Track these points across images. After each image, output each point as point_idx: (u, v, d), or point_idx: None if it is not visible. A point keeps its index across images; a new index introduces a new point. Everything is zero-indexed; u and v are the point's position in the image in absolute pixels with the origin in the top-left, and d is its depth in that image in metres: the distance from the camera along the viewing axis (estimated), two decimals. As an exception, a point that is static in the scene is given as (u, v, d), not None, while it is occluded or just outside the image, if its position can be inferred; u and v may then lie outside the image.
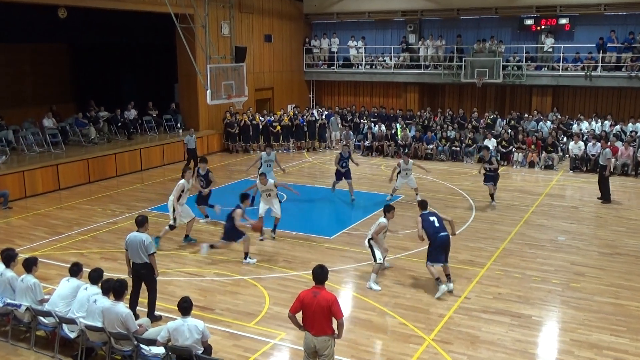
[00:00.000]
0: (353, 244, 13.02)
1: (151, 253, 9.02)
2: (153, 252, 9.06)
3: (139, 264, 9.09)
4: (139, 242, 8.98)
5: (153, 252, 9.06)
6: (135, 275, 9.23)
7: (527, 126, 23.56)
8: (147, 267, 9.07)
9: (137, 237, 9.04)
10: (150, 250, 9.01)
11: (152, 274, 9.15)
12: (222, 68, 18.50)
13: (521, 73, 25.02)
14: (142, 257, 9.02)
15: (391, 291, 10.54)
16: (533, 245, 13.05)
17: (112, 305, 7.63)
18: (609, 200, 16.55)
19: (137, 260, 9.07)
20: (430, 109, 26.62)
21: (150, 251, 9.01)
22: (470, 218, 15.00)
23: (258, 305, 9.98)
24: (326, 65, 30.01)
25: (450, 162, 22.60)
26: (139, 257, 9.04)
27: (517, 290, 10.59)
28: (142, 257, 9.02)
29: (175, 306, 7.86)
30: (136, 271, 9.18)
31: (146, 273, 9.11)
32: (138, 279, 9.24)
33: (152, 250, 9.05)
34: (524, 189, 18.45)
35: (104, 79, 25.98)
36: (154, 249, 9.13)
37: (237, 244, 11.79)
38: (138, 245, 8.98)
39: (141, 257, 9.02)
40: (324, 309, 6.71)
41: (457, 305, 9.95)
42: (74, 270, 8.66)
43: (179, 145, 22.60)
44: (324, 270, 6.88)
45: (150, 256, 9.02)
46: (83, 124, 21.64)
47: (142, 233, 9.08)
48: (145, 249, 8.97)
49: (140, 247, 8.97)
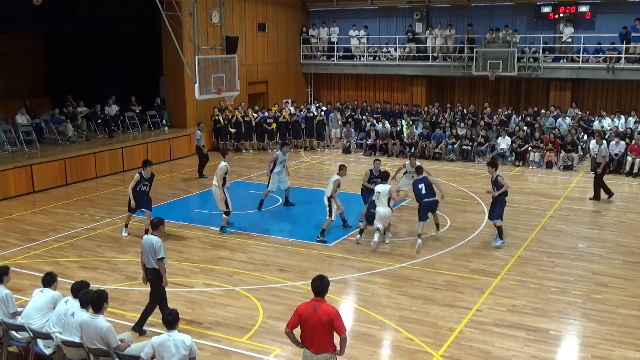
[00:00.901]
0: (355, 252, 13.02)
1: (160, 257, 9.23)
2: (162, 256, 9.25)
3: (148, 269, 9.40)
4: (149, 245, 9.26)
5: (162, 257, 9.25)
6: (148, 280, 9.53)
7: (544, 123, 23.58)
8: (155, 273, 9.32)
9: (149, 239, 9.32)
10: (160, 254, 9.22)
11: (159, 282, 9.34)
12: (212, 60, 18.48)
13: (538, 65, 25.05)
14: (152, 262, 9.32)
15: (396, 303, 10.54)
16: (551, 253, 13.05)
17: (91, 319, 7.61)
18: (599, 199, 17.10)
19: (148, 265, 9.38)
20: (439, 104, 26.64)
21: (159, 255, 9.22)
22: (482, 223, 15.00)
23: (251, 319, 9.96)
24: (325, 56, 30.04)
25: (461, 162, 22.62)
26: (149, 262, 9.35)
27: (533, 302, 10.58)
28: (152, 262, 9.32)
29: (159, 319, 7.84)
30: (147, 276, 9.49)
31: (153, 280, 9.37)
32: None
33: (161, 254, 9.25)
34: (540, 191, 18.46)
35: (83, 72, 25.95)
36: (164, 253, 9.34)
37: None
38: (149, 248, 9.27)
39: (150, 262, 9.33)
40: (324, 323, 6.70)
41: (468, 319, 9.93)
42: (47, 280, 8.64)
43: (163, 144, 22.60)
44: (325, 281, 6.86)
45: (158, 261, 9.23)
46: (59, 121, 21.62)
47: (155, 236, 9.36)
48: (154, 252, 9.22)
49: (150, 250, 9.26)
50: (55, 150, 19.95)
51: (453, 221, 15.18)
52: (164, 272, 9.35)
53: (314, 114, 25.37)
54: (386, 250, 13.12)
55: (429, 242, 13.55)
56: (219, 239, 13.89)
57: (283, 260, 12.64)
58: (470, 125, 23.92)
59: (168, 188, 18.72)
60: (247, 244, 13.53)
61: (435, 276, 11.70)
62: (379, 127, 24.38)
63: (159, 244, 9.22)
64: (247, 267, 12.21)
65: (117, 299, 10.55)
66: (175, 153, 22.90)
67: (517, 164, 21.90)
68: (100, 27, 23.54)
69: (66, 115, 21.98)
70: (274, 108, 25.41)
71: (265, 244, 13.61)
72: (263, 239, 13.90)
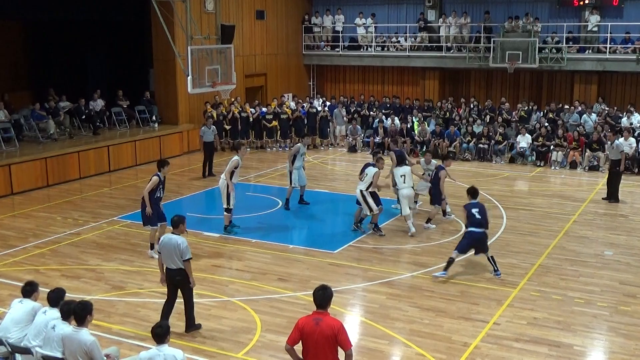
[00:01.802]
0: (361, 260, 13.03)
1: (187, 259, 9.51)
2: (189, 257, 9.55)
3: (173, 270, 9.60)
4: (173, 246, 9.48)
5: (189, 258, 9.55)
6: (169, 283, 9.75)
7: (568, 119, 23.55)
8: (182, 273, 9.58)
9: (172, 239, 9.52)
10: (186, 255, 9.50)
11: (188, 282, 9.65)
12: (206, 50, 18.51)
13: (561, 56, 25.02)
14: (177, 263, 9.52)
15: (406, 315, 10.54)
16: (575, 261, 13.03)
17: (74, 332, 7.62)
18: (618, 200, 17.25)
19: (172, 266, 9.59)
20: (453, 99, 26.62)
21: (186, 256, 9.50)
22: (500, 229, 14.99)
23: (248, 332, 9.96)
24: (329, 47, 30.04)
25: (477, 162, 22.60)
26: (173, 262, 9.55)
27: (556, 314, 10.57)
28: (177, 262, 9.52)
29: (148, 332, 7.85)
30: (170, 278, 9.69)
31: (182, 280, 9.62)
32: (173, 286, 9.75)
33: (188, 255, 9.54)
34: (564, 194, 18.44)
35: (65, 63, 26.00)
36: (190, 254, 9.61)
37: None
38: (173, 248, 9.48)
39: (176, 262, 9.52)
40: (328, 338, 6.69)
41: (484, 333, 9.93)
42: (27, 290, 8.65)
43: (153, 142, 22.62)
44: (328, 292, 6.86)
45: (185, 262, 9.51)
46: (40, 117, 21.66)
47: (178, 235, 9.56)
48: (180, 253, 9.46)
49: (175, 251, 9.46)
50: (35, 149, 19.98)
51: (468, 226, 15.15)
52: (191, 272, 9.62)
53: (316, 110, 25.37)
54: (395, 258, 13.12)
55: (442, 250, 13.54)
56: (213, 245, 13.90)
57: (283, 268, 12.64)
58: (487, 122, 23.90)
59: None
60: (244, 251, 13.54)
61: (448, 286, 11.69)
62: (388, 124, 24.38)
63: (185, 245, 9.53)
64: (244, 276, 12.21)
65: (103, 311, 10.56)
66: (166, 152, 22.90)
67: (539, 164, 21.87)
68: (85, 15, 23.59)
69: (47, 111, 22.01)
70: (274, 103, 25.41)
71: (263, 250, 13.61)
72: (261, 246, 13.91)
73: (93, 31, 25.73)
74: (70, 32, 25.27)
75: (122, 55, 26.47)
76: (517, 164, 22.08)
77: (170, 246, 9.52)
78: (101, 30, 25.78)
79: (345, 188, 18.81)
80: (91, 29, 25.51)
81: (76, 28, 25.14)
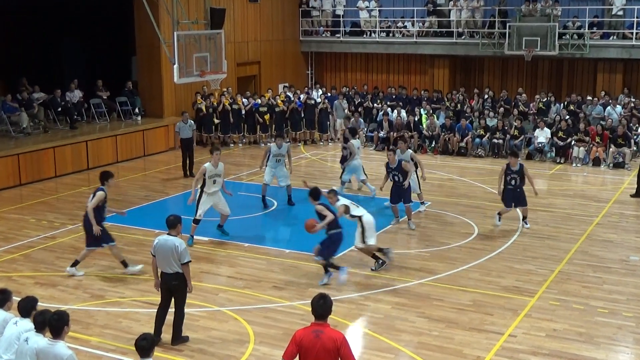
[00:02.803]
0: (363, 265, 13.02)
1: (186, 262, 9.65)
2: (188, 260, 9.69)
3: (169, 274, 9.70)
4: (171, 248, 9.60)
5: (188, 261, 9.69)
6: (164, 288, 9.85)
7: (591, 112, 23.57)
8: (179, 277, 9.70)
9: (169, 241, 9.65)
10: (185, 258, 9.63)
11: (185, 287, 9.80)
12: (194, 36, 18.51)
13: (583, 43, 25.03)
14: (174, 266, 9.65)
15: (414, 327, 10.55)
16: (598, 267, 13.04)
17: (49, 345, 7.61)
18: None
19: (168, 270, 9.70)
20: (465, 89, 26.64)
21: (185, 259, 9.64)
22: (516, 232, 15.01)
23: (239, 345, 9.97)
24: (329, 32, 30.05)
25: (491, 158, 22.62)
26: (169, 266, 9.67)
27: (577, 325, 10.58)
28: (174, 265, 9.65)
29: (130, 345, 7.86)
30: (166, 283, 9.78)
31: (179, 285, 9.74)
32: (168, 292, 9.85)
33: (187, 258, 9.67)
34: (586, 193, 18.46)
35: (39, 51, 25.99)
36: (189, 257, 9.72)
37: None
38: (170, 251, 9.59)
39: (173, 265, 9.65)
40: (330, 352, 6.68)
41: (499, 345, 9.93)
42: None
43: (136, 137, 22.62)
44: (327, 301, 6.85)
45: (184, 265, 9.65)
46: (12, 109, 21.66)
47: (175, 237, 9.67)
48: (178, 256, 9.59)
49: (172, 254, 9.59)
50: (7, 144, 20.00)
51: (481, 229, 15.18)
52: (189, 277, 9.74)
53: (315, 101, 25.38)
54: (401, 264, 13.12)
55: (451, 255, 13.56)
56: (202, 250, 13.91)
57: (278, 275, 12.65)
58: (501, 115, 23.91)
59: (141, 189, 18.75)
60: (235, 256, 13.54)
61: (460, 295, 11.71)
62: (393, 117, 24.38)
63: (184, 247, 9.64)
64: (236, 284, 12.23)
65: (81, 322, 10.56)
66: (150, 147, 22.92)
67: (558, 160, 21.89)
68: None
69: (20, 103, 22.00)
70: (268, 94, 25.42)
71: (256, 256, 13.62)
72: (254, 250, 13.92)
73: (69, 15, 25.67)
74: (44, 16, 25.21)
75: (102, 42, 26.45)
76: (535, 161, 22.09)
77: (167, 248, 9.59)
78: (78, 14, 25.74)
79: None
80: (67, 12, 25.45)
81: (51, 11, 25.09)
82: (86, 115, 23.86)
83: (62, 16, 25.63)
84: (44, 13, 25.10)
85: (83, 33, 26.68)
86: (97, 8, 25.08)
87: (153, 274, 10.04)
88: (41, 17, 25.19)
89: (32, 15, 25.01)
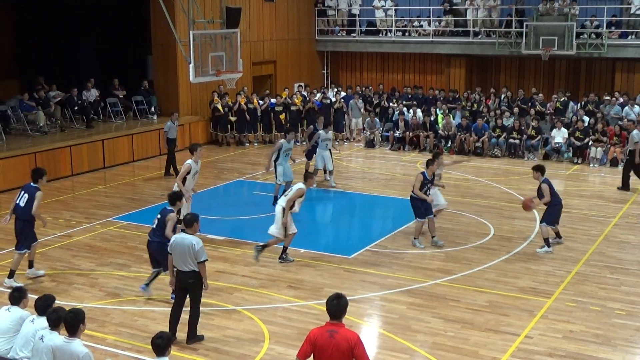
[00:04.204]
0: (379, 265, 13.02)
1: (202, 260, 9.69)
2: (205, 259, 9.74)
3: (185, 272, 9.72)
4: (187, 246, 9.62)
5: (205, 259, 9.73)
6: (179, 287, 9.87)
7: (609, 112, 23.42)
8: (195, 276, 9.74)
9: (186, 239, 9.69)
10: (202, 256, 9.68)
11: (200, 286, 9.85)
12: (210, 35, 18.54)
13: (601, 42, 24.89)
14: (190, 265, 9.68)
15: (428, 327, 10.53)
16: (615, 268, 12.96)
17: (66, 343, 7.65)
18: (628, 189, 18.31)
19: (184, 268, 9.71)
20: (481, 89, 26.56)
21: (202, 258, 9.68)
22: (533, 232, 14.94)
23: (254, 344, 9.99)
24: (345, 31, 30.02)
25: (507, 158, 22.54)
26: (185, 264, 9.70)
27: (594, 327, 10.53)
28: (191, 264, 9.68)
29: (146, 344, 7.89)
30: (182, 281, 9.80)
31: (194, 283, 9.77)
32: (183, 290, 9.86)
33: (204, 256, 9.72)
34: (603, 194, 18.35)
35: (56, 50, 26.14)
36: (206, 255, 9.78)
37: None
38: (187, 249, 9.62)
39: (189, 264, 9.68)
40: (344, 352, 6.70)
41: (515, 347, 9.90)
42: (15, 297, 8.70)
43: (152, 136, 22.69)
44: (342, 301, 6.86)
45: (200, 264, 9.69)
46: (29, 108, 21.80)
47: (192, 235, 9.71)
48: (195, 255, 9.63)
49: (189, 252, 9.61)
50: (24, 143, 20.12)
51: (497, 230, 15.12)
52: (206, 276, 9.81)
53: (331, 101, 25.37)
54: (416, 264, 13.11)
55: (467, 256, 13.52)
56: (217, 248, 13.94)
57: (293, 275, 12.66)
58: (518, 115, 23.81)
59: (157, 188, 18.80)
60: (250, 256, 13.55)
61: (475, 295, 11.68)
62: (409, 117, 24.35)
63: (200, 245, 9.68)
64: (251, 283, 12.25)
65: (96, 320, 10.62)
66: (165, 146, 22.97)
67: (576, 161, 21.78)
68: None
69: (37, 101, 22.14)
70: (284, 93, 25.46)
71: (271, 255, 13.62)
72: (269, 249, 13.89)
73: (86, 14, 25.83)
74: (61, 16, 25.36)
75: (118, 41, 26.54)
76: (552, 161, 21.98)
77: (184, 247, 9.62)
78: (95, 14, 25.87)
79: (361, 187, 18.82)
80: (84, 11, 25.60)
81: (68, 11, 25.24)
82: (102, 114, 23.97)
83: (78, 16, 25.79)
84: (62, 13, 25.26)
85: (99, 32, 26.83)
86: (114, 7, 25.20)
87: (169, 272, 10.08)
88: (58, 16, 25.34)
89: (50, 16, 25.17)
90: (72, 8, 25.09)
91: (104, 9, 25.52)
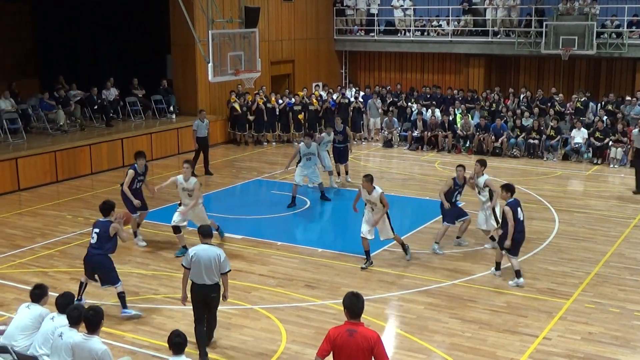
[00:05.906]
0: (396, 265, 13.01)
1: (227, 271, 9.44)
2: (229, 270, 9.48)
3: (209, 286, 9.38)
4: (212, 258, 9.32)
5: (229, 270, 9.48)
6: (201, 301, 9.45)
7: (629, 112, 23.24)
8: (218, 289, 9.48)
9: (210, 250, 9.39)
10: (227, 267, 9.43)
11: (219, 296, 9.56)
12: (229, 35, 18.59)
13: (621, 42, 24.70)
14: (215, 277, 9.39)
15: (446, 327, 10.51)
16: (635, 270, 12.87)
17: (85, 340, 7.71)
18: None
19: (207, 281, 9.36)
20: (500, 89, 26.43)
21: (227, 269, 9.43)
22: (551, 233, 14.87)
23: (272, 343, 10.01)
24: (363, 31, 29.99)
25: (526, 158, 22.42)
26: (209, 277, 9.37)
27: (613, 329, 10.47)
28: (215, 276, 9.39)
29: (164, 342, 7.93)
30: (204, 295, 9.41)
31: (217, 297, 9.51)
32: (205, 305, 9.49)
33: (229, 267, 9.48)
34: (623, 195, 18.21)
35: (76, 49, 26.31)
36: (230, 265, 9.54)
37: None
38: (212, 261, 9.32)
39: (213, 276, 9.38)
40: (364, 351, 6.70)
41: (533, 348, 9.86)
42: (36, 294, 8.78)
43: (170, 135, 22.79)
44: (360, 299, 6.87)
45: (223, 275, 9.44)
46: (49, 107, 21.96)
47: (215, 246, 9.53)
48: (220, 265, 9.34)
49: (215, 263, 9.32)
50: (44, 142, 20.26)
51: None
52: (227, 287, 9.59)
53: (349, 100, 25.36)
54: (434, 264, 13.08)
55: (485, 256, 13.47)
56: (234, 248, 13.97)
57: (310, 274, 12.68)
58: (537, 115, 23.69)
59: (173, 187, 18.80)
60: (268, 255, 13.60)
61: (493, 296, 11.64)
62: (428, 116, 24.28)
63: (225, 256, 9.42)
64: (268, 282, 12.28)
65: (115, 318, 10.69)
66: (184, 145, 23.06)
67: (595, 161, 21.63)
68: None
69: (57, 100, 22.31)
70: (302, 93, 25.48)
71: (289, 254, 13.66)
72: (287, 249, 13.96)
73: (106, 14, 25.99)
74: (82, 15, 25.55)
75: (137, 40, 26.67)
76: (572, 162, 21.86)
77: (210, 258, 9.29)
78: (114, 13, 26.02)
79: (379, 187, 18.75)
80: (103, 11, 25.76)
81: (88, 10, 25.42)
82: (122, 113, 24.10)
83: (98, 15, 25.95)
84: (82, 13, 25.43)
85: (119, 32, 26.95)
86: (133, 7, 25.32)
87: (182, 288, 9.68)
88: (78, 16, 25.51)
89: (70, 15, 25.33)
90: (92, 8, 25.27)
91: (123, 9, 25.66)
